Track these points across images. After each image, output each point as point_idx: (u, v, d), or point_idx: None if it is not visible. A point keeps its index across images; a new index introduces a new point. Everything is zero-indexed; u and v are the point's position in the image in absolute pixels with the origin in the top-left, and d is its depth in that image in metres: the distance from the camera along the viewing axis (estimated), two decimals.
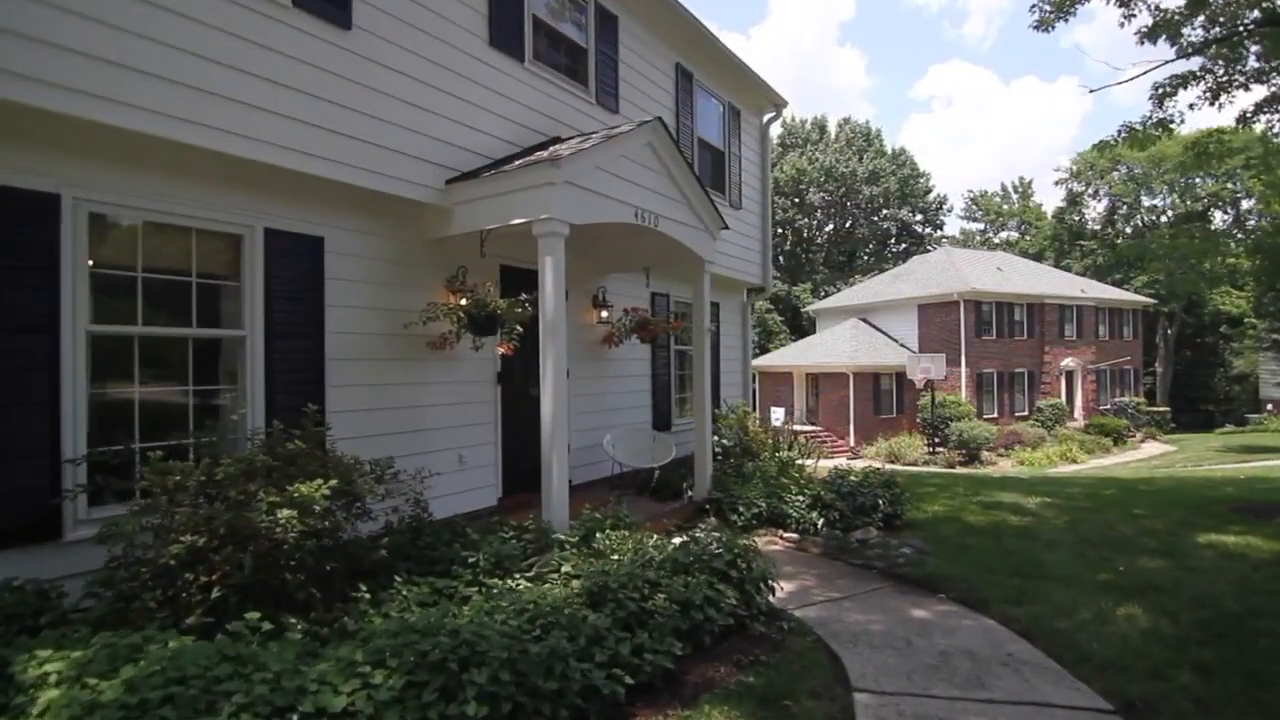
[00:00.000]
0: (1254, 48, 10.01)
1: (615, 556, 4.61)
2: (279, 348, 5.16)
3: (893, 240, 52.49)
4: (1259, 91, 10.02)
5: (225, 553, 3.56)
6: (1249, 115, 9.99)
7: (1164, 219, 46.67)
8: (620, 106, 8.37)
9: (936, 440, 24.78)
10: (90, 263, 4.26)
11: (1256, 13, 9.60)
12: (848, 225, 51.45)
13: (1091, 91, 10.71)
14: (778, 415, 24.56)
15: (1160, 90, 9.95)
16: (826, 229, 51.96)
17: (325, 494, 3.76)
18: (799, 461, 9.19)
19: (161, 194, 4.54)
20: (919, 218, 52.50)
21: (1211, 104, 9.89)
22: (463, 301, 5.92)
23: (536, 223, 5.55)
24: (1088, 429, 28.94)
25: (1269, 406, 37.18)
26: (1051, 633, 4.36)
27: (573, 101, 7.64)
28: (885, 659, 4.07)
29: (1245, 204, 42.50)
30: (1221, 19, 9.57)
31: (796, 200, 49.33)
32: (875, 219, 50.91)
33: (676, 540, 5.01)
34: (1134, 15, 9.66)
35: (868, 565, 6.01)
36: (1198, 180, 37.77)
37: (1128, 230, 49.09)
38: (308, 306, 5.37)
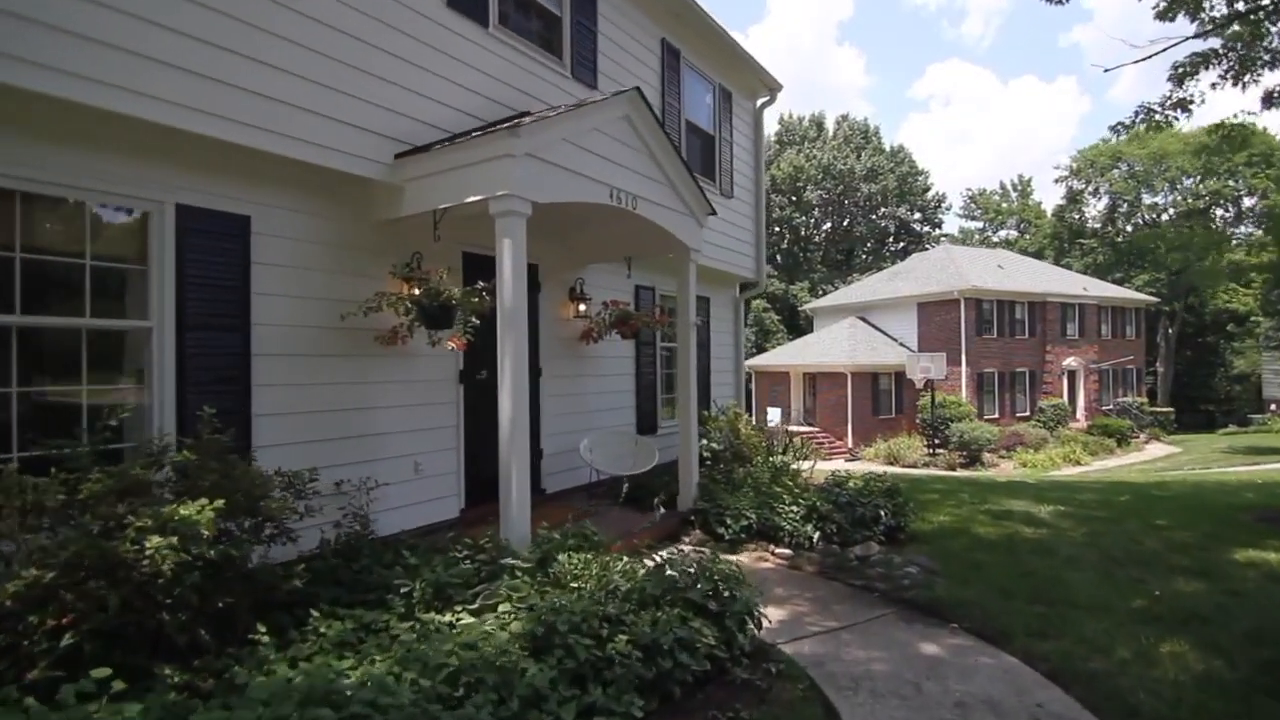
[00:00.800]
0: (1276, 27, 9.38)
1: (576, 585, 3.96)
2: (194, 341, 4.49)
3: (891, 239, 51.78)
4: None
5: (83, 589, 2.90)
6: (1275, 96, 9.34)
7: (1165, 217, 46.19)
8: (599, 82, 7.70)
9: (937, 441, 24.11)
10: None
11: None
12: (845, 223, 50.78)
13: (1106, 71, 9.95)
14: (774, 416, 23.88)
15: (1180, 69, 9.29)
16: (824, 227, 51.27)
17: (210, 516, 3.08)
18: (794, 466, 8.53)
19: (46, 161, 3.87)
20: (917, 216, 51.80)
21: (1234, 84, 9.23)
22: (415, 291, 5.26)
23: (493, 200, 4.89)
24: (1090, 430, 28.29)
25: (1272, 407, 36.50)
26: (1086, 676, 3.71)
27: (546, 74, 6.97)
28: (891, 712, 3.41)
29: (1247, 201, 42.03)
30: None
31: (794, 198, 48.63)
32: (873, 217, 50.20)
33: (656, 558, 4.36)
34: None
35: (869, 587, 5.35)
36: (1204, 173, 37.00)
37: (1128, 229, 48.57)
38: (230, 294, 4.69)
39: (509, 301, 4.86)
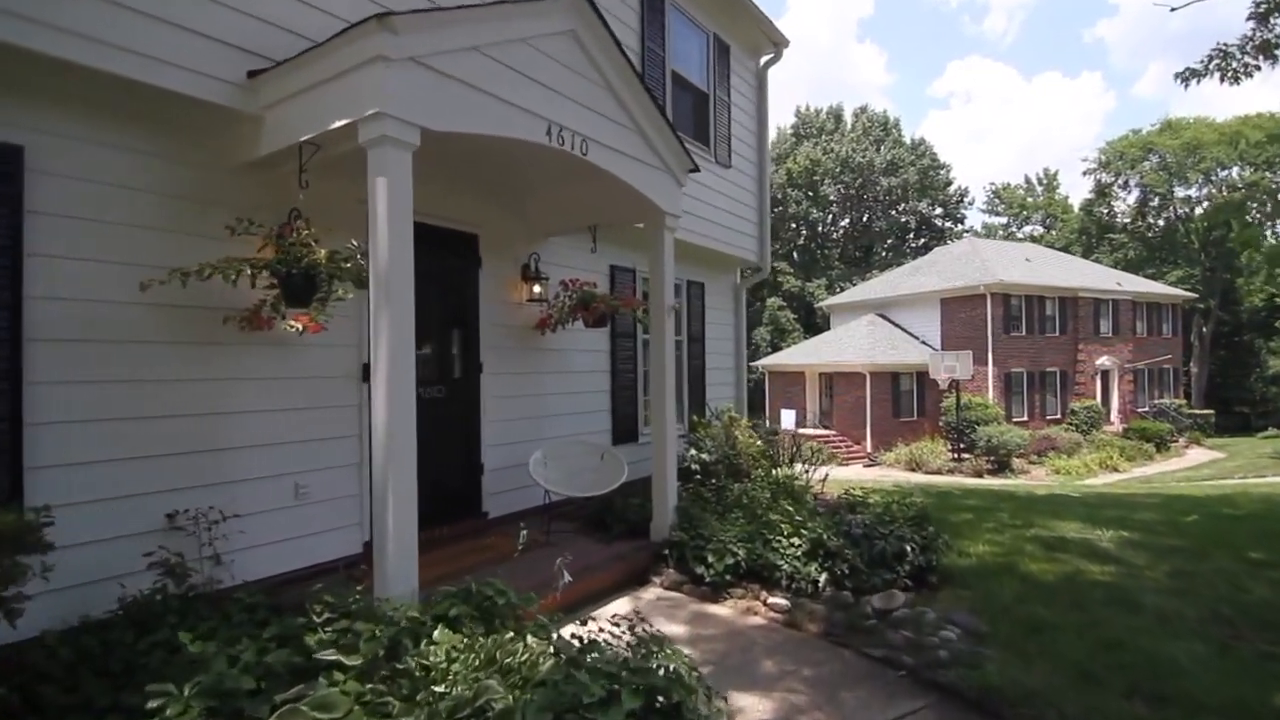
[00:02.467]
0: None
1: (439, 689, 2.55)
2: None
3: (911, 235, 49.85)
4: None
5: None
6: None
7: (1199, 210, 44.18)
8: None
9: (962, 446, 22.44)
10: None
11: None
12: (864, 219, 48.98)
13: (1173, 10, 8.29)
14: (788, 419, 22.38)
15: (1263, 6, 7.75)
16: (842, 223, 49.51)
17: None
18: (803, 479, 7.02)
19: None
20: (939, 211, 49.77)
21: None
22: (270, 254, 3.88)
23: (362, 123, 3.50)
24: (1126, 433, 26.46)
25: None
26: None
27: None
28: None
29: None
30: None
31: (810, 193, 46.96)
32: (893, 212, 48.31)
33: (576, 637, 2.95)
34: None
35: (891, 659, 3.90)
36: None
37: (1159, 223, 46.54)
38: None
39: (385, 264, 3.47)
